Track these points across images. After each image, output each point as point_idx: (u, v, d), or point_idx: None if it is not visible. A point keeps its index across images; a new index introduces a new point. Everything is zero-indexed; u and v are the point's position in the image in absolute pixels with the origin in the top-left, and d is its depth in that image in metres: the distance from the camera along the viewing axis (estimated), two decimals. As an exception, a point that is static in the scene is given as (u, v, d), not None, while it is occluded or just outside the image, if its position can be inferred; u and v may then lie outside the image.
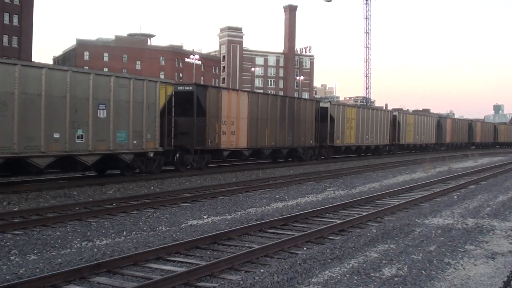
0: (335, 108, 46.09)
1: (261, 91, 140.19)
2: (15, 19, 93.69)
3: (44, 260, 10.37)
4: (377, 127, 53.57)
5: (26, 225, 14.03)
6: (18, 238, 12.47)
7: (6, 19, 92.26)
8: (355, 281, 9.15)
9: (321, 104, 45.53)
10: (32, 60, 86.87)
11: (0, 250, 11.22)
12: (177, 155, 29.33)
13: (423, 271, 9.88)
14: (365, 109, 54.43)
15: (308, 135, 41.79)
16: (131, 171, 26.40)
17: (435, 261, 10.65)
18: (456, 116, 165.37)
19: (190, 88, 30.53)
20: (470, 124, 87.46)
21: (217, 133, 31.22)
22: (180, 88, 30.57)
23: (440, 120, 73.95)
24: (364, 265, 10.25)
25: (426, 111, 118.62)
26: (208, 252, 11.49)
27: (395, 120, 58.55)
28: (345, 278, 9.33)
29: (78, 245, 11.97)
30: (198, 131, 29.98)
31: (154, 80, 26.87)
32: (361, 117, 50.17)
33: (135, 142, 25.14)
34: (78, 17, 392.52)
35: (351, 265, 10.22)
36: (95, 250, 11.27)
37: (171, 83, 28.27)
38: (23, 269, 9.63)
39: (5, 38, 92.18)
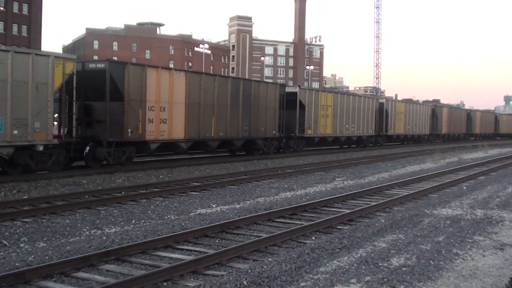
0: (306, 93, 40.20)
1: (271, 80, 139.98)
2: (25, 8, 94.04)
3: (53, 247, 10.43)
4: (359, 116, 47.97)
5: (35, 213, 14.09)
6: (27, 226, 12.53)
7: (15, 8, 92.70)
8: (363, 271, 9.15)
9: (288, 89, 39.63)
10: (42, 49, 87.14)
11: (10, 238, 11.28)
12: (87, 148, 24.23)
13: (432, 261, 9.87)
14: (345, 95, 48.51)
15: (270, 125, 35.76)
16: (18, 169, 21.29)
17: (443, 252, 10.63)
18: (466, 107, 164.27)
19: (102, 65, 24.74)
20: (469, 114, 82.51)
21: (141, 121, 25.44)
22: (91, 65, 25.12)
23: (435, 109, 68.61)
24: (372, 254, 10.24)
25: (436, 102, 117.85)
26: (217, 241, 11.52)
27: (382, 108, 52.94)
28: (353, 267, 9.33)
29: (87, 233, 12.02)
30: (112, 119, 24.58)
31: (45, 55, 21.56)
32: (339, 104, 44.48)
33: (15, 132, 20.08)
34: (88, 6, 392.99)
35: (359, 255, 10.21)
36: (104, 238, 11.31)
37: (71, 58, 22.74)
38: (32, 256, 9.67)
39: (15, 27, 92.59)
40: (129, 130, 24.89)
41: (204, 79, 29.90)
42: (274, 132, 36.28)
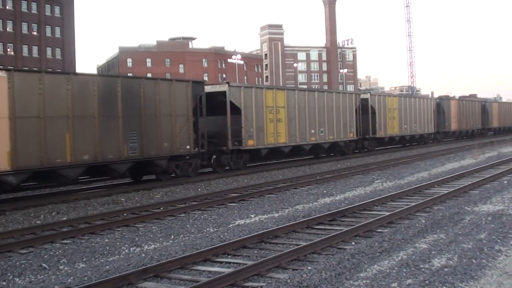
0: (240, 92, 29.91)
1: (305, 86, 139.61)
2: (57, 31, 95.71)
3: (92, 268, 10.47)
4: (332, 117, 37.56)
5: (74, 233, 14.17)
6: (67, 247, 12.61)
7: (48, 32, 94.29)
8: (404, 274, 9.00)
9: (210, 88, 29.58)
10: (76, 70, 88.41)
11: (49, 260, 11.35)
12: None
13: (474, 260, 9.67)
14: (306, 92, 36.44)
15: (181, 138, 25.62)
16: None
17: (485, 249, 10.42)
18: (504, 100, 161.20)
19: None
20: (484, 106, 71.44)
21: None
22: None
23: (441, 103, 58.07)
24: (413, 256, 10.08)
25: (472, 96, 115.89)
26: (255, 251, 11.44)
27: (366, 105, 43.02)
28: (394, 271, 9.18)
29: (126, 251, 12.05)
30: None
31: None
32: (297, 104, 34.16)
33: None
34: (120, 25, 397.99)
35: (400, 258, 10.05)
36: (143, 255, 11.32)
37: None
38: (72, 278, 9.71)
39: (48, 51, 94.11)
40: None
41: (48, 80, 20.53)
42: (188, 147, 26.25)
